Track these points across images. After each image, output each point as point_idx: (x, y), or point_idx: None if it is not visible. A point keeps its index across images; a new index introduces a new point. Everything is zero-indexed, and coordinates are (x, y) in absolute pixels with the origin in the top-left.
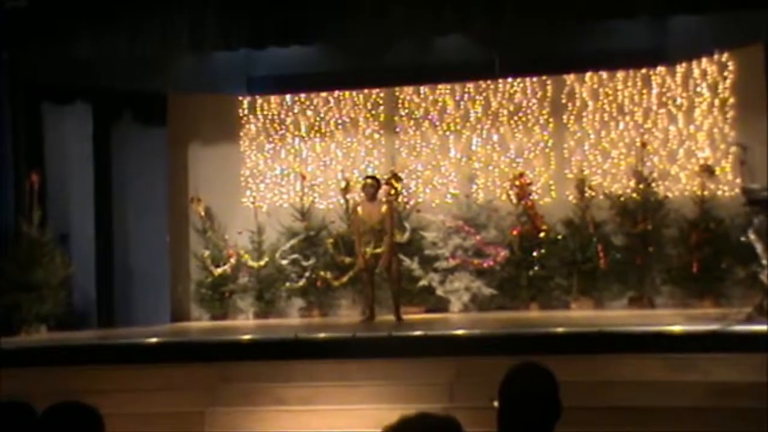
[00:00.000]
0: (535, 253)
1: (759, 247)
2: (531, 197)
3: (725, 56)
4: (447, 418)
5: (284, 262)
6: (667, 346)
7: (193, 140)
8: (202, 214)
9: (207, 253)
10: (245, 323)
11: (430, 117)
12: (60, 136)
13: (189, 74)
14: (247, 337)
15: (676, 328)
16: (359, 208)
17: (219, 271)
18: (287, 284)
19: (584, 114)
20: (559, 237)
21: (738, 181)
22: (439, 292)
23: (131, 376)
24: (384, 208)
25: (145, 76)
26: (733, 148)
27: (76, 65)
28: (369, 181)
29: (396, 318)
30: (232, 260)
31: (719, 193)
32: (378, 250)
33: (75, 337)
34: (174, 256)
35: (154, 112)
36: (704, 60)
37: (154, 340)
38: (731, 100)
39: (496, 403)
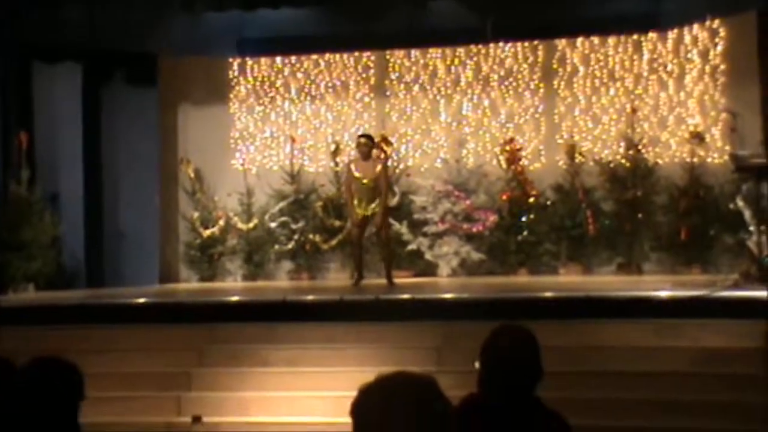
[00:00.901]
0: (524, 219)
1: (747, 214)
2: (521, 162)
3: (716, 23)
4: (424, 376)
5: (273, 224)
6: (655, 312)
7: (183, 102)
8: (192, 175)
9: (196, 214)
10: (233, 285)
11: (420, 81)
12: (50, 96)
13: (180, 35)
14: (234, 298)
15: (664, 294)
16: (352, 166)
17: (208, 232)
18: (276, 247)
19: (575, 79)
20: (549, 203)
21: (727, 148)
22: (428, 256)
23: (118, 337)
24: (378, 167)
25: (136, 37)
26: (723, 115)
27: (67, 25)
28: (363, 140)
29: (388, 281)
30: (221, 222)
31: (709, 160)
32: (370, 210)
33: (63, 297)
34: (163, 217)
35: (145, 73)
36: (695, 26)
37: (141, 300)
38: (722, 67)
39: (477, 365)
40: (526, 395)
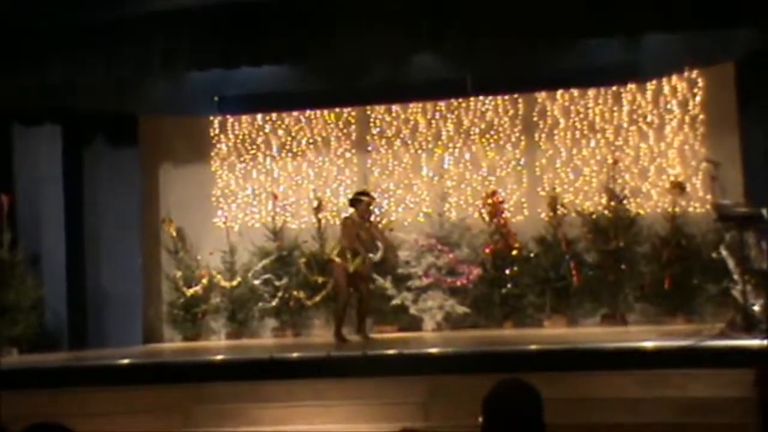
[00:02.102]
0: (508, 271)
1: (731, 263)
2: (503, 215)
3: (695, 74)
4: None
5: (257, 282)
6: (642, 363)
7: (165, 161)
8: (174, 234)
9: (179, 273)
10: (218, 344)
11: (402, 135)
12: (30, 158)
13: (160, 95)
14: (220, 357)
15: (650, 345)
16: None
17: (191, 291)
18: (260, 304)
19: (556, 132)
20: (532, 255)
21: (709, 197)
22: (413, 310)
23: (104, 399)
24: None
25: (116, 98)
26: (703, 165)
27: (47, 87)
28: (367, 198)
29: (364, 336)
30: (205, 281)
31: (690, 209)
32: (355, 265)
33: (47, 360)
34: (146, 277)
35: (126, 133)
36: (674, 77)
37: (126, 361)
38: (701, 117)
39: (480, 419)
40: None
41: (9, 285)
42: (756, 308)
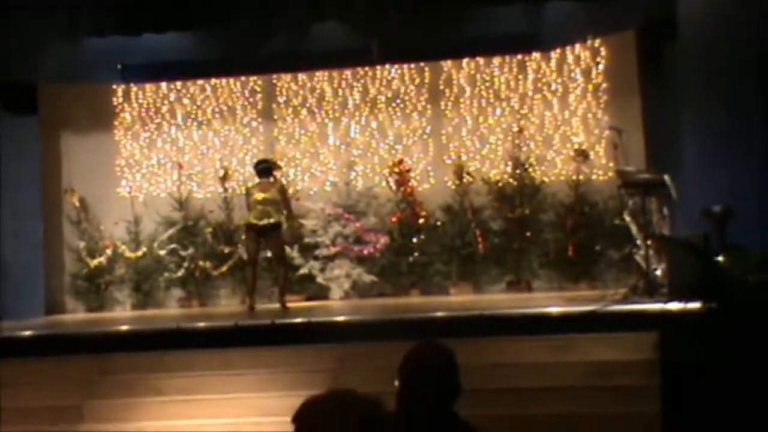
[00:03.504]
0: (414, 240)
1: (634, 229)
2: (410, 184)
3: (597, 42)
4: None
5: (162, 252)
6: (547, 328)
7: (67, 130)
8: (77, 204)
9: (82, 244)
10: (123, 315)
11: (308, 104)
12: None
13: (61, 62)
14: (125, 328)
15: (555, 310)
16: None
17: (95, 262)
18: (165, 275)
19: (462, 100)
20: (439, 223)
21: (611, 165)
22: (320, 279)
23: (6, 371)
24: (278, 184)
25: (15, 64)
26: (606, 133)
27: None
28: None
29: (281, 305)
30: (109, 251)
31: (593, 177)
32: (271, 220)
33: None
34: (48, 247)
35: (25, 101)
36: (578, 46)
37: (28, 333)
38: (604, 86)
39: (396, 382)
40: (446, 410)
41: None
42: (658, 273)
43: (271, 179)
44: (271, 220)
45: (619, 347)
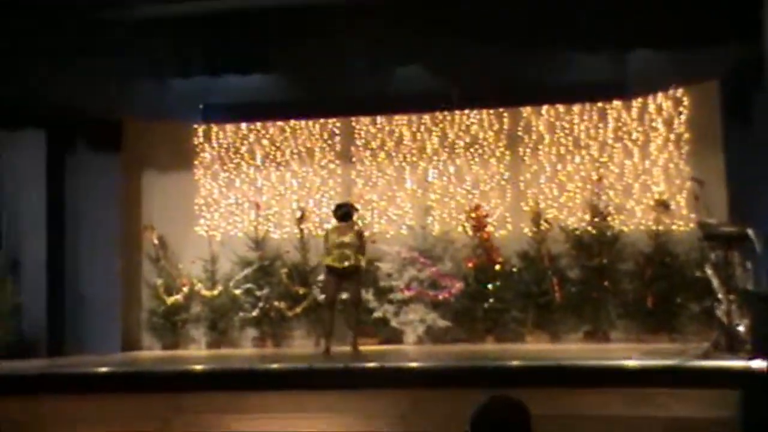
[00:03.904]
0: (490, 286)
1: (716, 282)
2: (487, 229)
3: (680, 92)
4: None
5: (238, 291)
6: (626, 381)
7: (148, 168)
8: (156, 242)
9: (160, 281)
10: (198, 353)
11: (386, 147)
12: (13, 163)
13: (144, 101)
14: (200, 367)
15: (635, 363)
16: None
17: (172, 299)
18: (240, 314)
19: (540, 147)
20: (515, 269)
21: (693, 216)
22: (394, 323)
23: (82, 407)
24: (357, 228)
25: (100, 102)
26: (688, 183)
27: (31, 90)
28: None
29: (354, 348)
30: (185, 289)
31: (674, 227)
32: (351, 263)
33: (24, 367)
34: (126, 284)
35: (109, 138)
36: (660, 95)
37: (105, 369)
38: (686, 136)
39: None
40: None
41: None
42: (740, 329)
43: (350, 223)
44: (351, 263)
45: (698, 403)
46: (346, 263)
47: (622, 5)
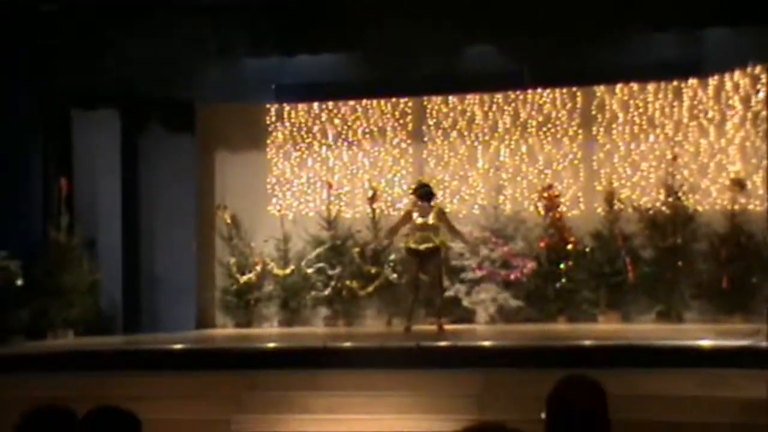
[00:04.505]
0: (562, 266)
1: None
2: (559, 209)
3: (758, 69)
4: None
5: (310, 270)
6: (699, 362)
7: (221, 148)
8: (229, 221)
9: (233, 260)
10: (270, 331)
11: (458, 127)
12: (89, 143)
13: (217, 82)
14: (273, 345)
15: (707, 343)
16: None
17: (244, 278)
18: (312, 293)
19: (614, 126)
20: (587, 249)
21: None
22: (465, 303)
23: (157, 383)
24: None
25: (174, 83)
26: (764, 162)
27: (106, 72)
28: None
29: (439, 327)
30: (258, 268)
31: (750, 207)
32: (431, 245)
33: (101, 343)
34: (200, 263)
35: (182, 119)
36: (737, 73)
37: (179, 346)
38: (763, 114)
39: (543, 415)
40: None
41: (65, 268)
42: None
43: (432, 204)
44: (431, 245)
45: None
46: (426, 245)
47: None
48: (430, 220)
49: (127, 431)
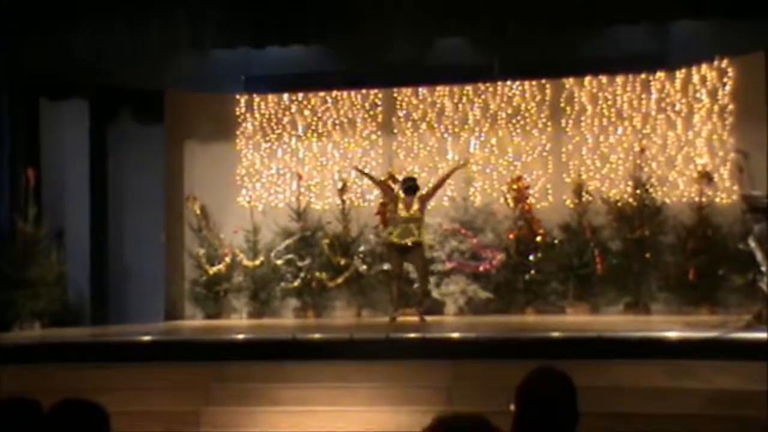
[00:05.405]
0: (531, 257)
1: (759, 255)
2: (528, 201)
3: (725, 63)
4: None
5: (279, 262)
6: (666, 353)
7: (190, 138)
8: (198, 212)
9: (202, 251)
10: (239, 322)
11: (427, 118)
12: (57, 133)
13: (187, 72)
14: (242, 336)
15: (675, 335)
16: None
17: (214, 270)
18: (282, 284)
19: (583, 118)
20: (556, 241)
21: (736, 188)
22: (435, 294)
23: (125, 375)
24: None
25: (143, 73)
26: (732, 155)
27: (74, 61)
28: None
29: (420, 318)
30: (227, 259)
31: (717, 200)
32: (413, 239)
33: (68, 334)
34: (169, 254)
35: (151, 109)
36: (704, 66)
37: (148, 338)
38: (730, 107)
39: (512, 407)
40: None
41: (33, 259)
42: None
43: (413, 196)
44: (413, 239)
45: (741, 376)
46: (408, 239)
47: None
48: (413, 211)
49: (94, 423)
